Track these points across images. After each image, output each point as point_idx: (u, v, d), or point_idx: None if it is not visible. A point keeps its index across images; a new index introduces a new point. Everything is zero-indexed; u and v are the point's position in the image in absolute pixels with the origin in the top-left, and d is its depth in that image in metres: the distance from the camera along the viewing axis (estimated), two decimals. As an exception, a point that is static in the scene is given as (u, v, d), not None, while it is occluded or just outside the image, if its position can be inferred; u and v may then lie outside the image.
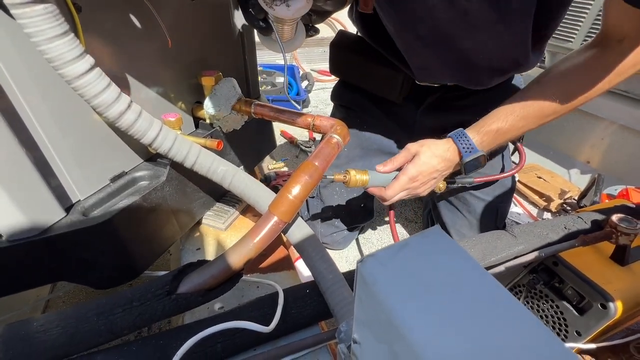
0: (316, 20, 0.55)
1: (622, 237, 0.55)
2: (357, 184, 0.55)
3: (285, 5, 0.35)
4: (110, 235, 0.44)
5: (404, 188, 0.57)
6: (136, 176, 0.51)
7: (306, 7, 0.36)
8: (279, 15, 0.36)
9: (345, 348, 0.30)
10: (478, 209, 0.83)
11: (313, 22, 0.56)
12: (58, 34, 0.32)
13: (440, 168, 0.57)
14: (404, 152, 0.59)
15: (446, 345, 0.18)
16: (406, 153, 0.59)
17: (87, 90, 0.36)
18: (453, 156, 0.58)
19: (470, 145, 0.56)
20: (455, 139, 0.58)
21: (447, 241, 0.24)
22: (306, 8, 0.37)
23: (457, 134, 0.59)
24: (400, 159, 0.59)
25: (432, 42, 0.61)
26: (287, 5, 0.35)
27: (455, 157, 0.58)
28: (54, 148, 0.41)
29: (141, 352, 0.36)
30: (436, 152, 0.57)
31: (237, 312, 0.41)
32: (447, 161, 0.57)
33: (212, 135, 0.61)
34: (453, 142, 0.58)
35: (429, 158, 0.57)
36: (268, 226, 0.41)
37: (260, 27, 0.41)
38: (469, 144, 0.57)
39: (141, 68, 0.49)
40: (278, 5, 0.36)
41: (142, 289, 0.37)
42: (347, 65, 0.83)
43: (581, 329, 0.58)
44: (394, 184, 0.57)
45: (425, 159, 0.57)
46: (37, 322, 0.34)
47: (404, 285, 0.21)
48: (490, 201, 0.82)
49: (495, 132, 0.56)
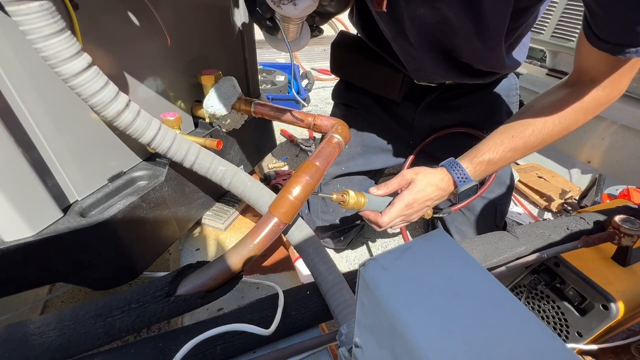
0: (319, 21, 0.56)
1: (624, 239, 0.55)
2: (354, 206, 0.55)
3: (292, 4, 0.35)
4: (109, 236, 0.44)
5: (400, 215, 0.58)
6: (135, 176, 0.51)
7: (312, 5, 0.37)
8: (286, 13, 0.36)
9: (347, 351, 0.29)
10: (478, 207, 0.84)
11: (316, 23, 0.56)
12: (54, 31, 0.31)
13: (434, 197, 0.59)
14: (398, 178, 0.60)
15: (449, 350, 0.18)
16: (400, 179, 0.60)
17: (84, 89, 0.35)
18: (447, 185, 0.59)
19: (464, 175, 0.58)
20: (449, 168, 0.59)
21: (450, 244, 0.24)
22: (312, 7, 0.37)
23: (450, 163, 0.60)
24: (394, 184, 0.59)
25: (423, 47, 0.64)
26: (294, 4, 0.35)
27: (449, 186, 0.59)
28: (51, 148, 0.40)
29: (139, 354, 0.35)
30: (431, 181, 0.58)
31: (236, 314, 0.40)
32: (441, 190, 0.59)
33: (212, 135, 0.60)
34: (447, 172, 0.59)
35: (425, 186, 0.58)
36: (268, 227, 0.40)
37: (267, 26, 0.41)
38: (463, 174, 0.58)
39: (140, 67, 0.49)
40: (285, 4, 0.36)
41: (140, 290, 0.36)
42: (348, 65, 0.84)
43: (582, 330, 0.58)
44: (391, 210, 0.57)
45: (421, 186, 0.58)
46: (34, 324, 0.33)
47: (406, 289, 0.21)
48: (489, 199, 0.83)
49: (487, 162, 0.58)
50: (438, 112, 0.82)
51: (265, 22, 0.42)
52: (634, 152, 1.21)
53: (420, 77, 0.76)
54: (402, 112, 0.85)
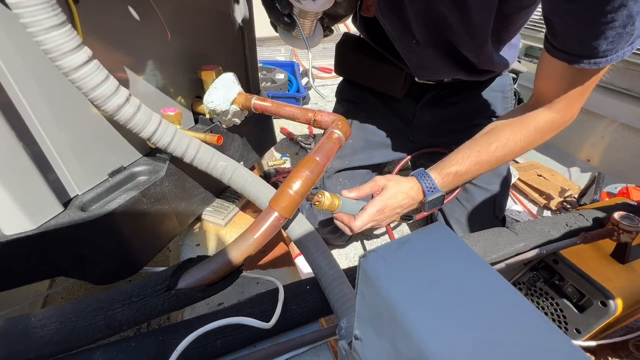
0: (329, 22, 0.58)
1: (623, 235, 0.55)
2: (329, 207, 0.56)
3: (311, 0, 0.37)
4: (109, 231, 0.44)
5: (372, 220, 0.59)
6: (135, 171, 0.51)
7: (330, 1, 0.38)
8: (305, 8, 0.38)
9: (347, 344, 0.30)
10: (477, 198, 0.86)
11: (326, 23, 0.59)
12: (55, 24, 0.31)
13: (404, 204, 0.61)
14: (370, 183, 0.62)
15: (450, 341, 0.18)
16: (373, 184, 0.61)
17: (85, 83, 0.35)
18: (417, 194, 0.61)
19: (433, 185, 0.61)
20: (419, 178, 0.62)
21: (450, 236, 0.24)
22: (330, 2, 0.38)
23: (420, 173, 0.63)
24: (366, 189, 0.61)
25: (428, 44, 0.67)
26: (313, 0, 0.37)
27: (419, 195, 0.61)
28: (52, 142, 0.40)
29: (140, 348, 0.36)
30: (402, 189, 0.60)
31: (237, 308, 0.40)
32: (410, 198, 0.61)
33: (212, 130, 0.60)
34: (417, 182, 0.61)
35: (396, 193, 0.60)
36: (268, 222, 0.40)
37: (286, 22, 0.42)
38: (432, 184, 0.61)
39: (140, 61, 0.49)
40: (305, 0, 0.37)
41: (141, 284, 0.37)
42: (352, 64, 0.88)
43: (581, 327, 0.58)
44: (363, 215, 0.59)
45: (392, 193, 0.60)
46: (35, 317, 0.33)
47: (407, 280, 0.21)
48: (488, 190, 0.85)
49: (455, 174, 0.61)
50: (437, 109, 0.86)
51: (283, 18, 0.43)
52: (634, 150, 1.21)
53: (423, 74, 0.79)
54: (403, 108, 0.88)
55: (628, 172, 1.22)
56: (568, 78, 0.53)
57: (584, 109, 1.34)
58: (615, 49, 0.44)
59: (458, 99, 0.85)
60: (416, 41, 0.67)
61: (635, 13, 0.40)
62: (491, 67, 0.74)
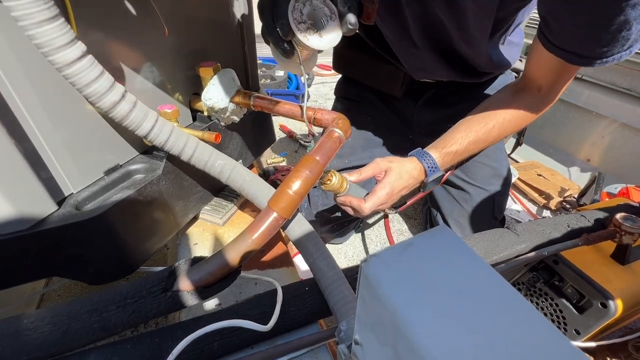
0: None
1: (626, 237, 0.55)
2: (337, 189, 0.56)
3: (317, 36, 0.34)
4: (104, 230, 0.43)
5: (382, 202, 0.59)
6: (131, 169, 0.50)
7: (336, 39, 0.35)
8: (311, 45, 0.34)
9: (346, 348, 0.29)
10: (476, 198, 0.85)
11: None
12: (47, 18, 0.30)
13: (408, 185, 0.61)
14: (372, 165, 0.61)
15: (454, 349, 0.17)
16: (375, 166, 0.61)
17: (79, 79, 0.34)
18: (419, 174, 0.61)
19: (434, 164, 0.61)
20: (420, 158, 0.61)
21: (454, 240, 0.23)
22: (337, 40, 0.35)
23: (419, 153, 0.62)
24: (368, 171, 0.60)
25: (426, 47, 0.68)
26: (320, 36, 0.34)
27: (421, 175, 0.61)
28: (45, 139, 0.39)
29: (136, 350, 0.35)
30: (406, 169, 0.60)
31: (234, 310, 0.40)
32: (413, 179, 0.61)
33: (210, 128, 0.59)
34: (418, 161, 0.61)
35: (401, 174, 0.59)
36: (267, 222, 0.40)
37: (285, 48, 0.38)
38: (433, 163, 0.61)
39: (136, 57, 0.48)
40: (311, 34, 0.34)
41: (137, 285, 0.36)
42: (351, 62, 0.88)
43: (580, 328, 0.58)
44: (373, 198, 0.58)
45: (398, 174, 0.59)
46: (27, 318, 0.33)
47: (410, 286, 0.20)
48: (487, 190, 0.85)
49: (454, 153, 0.61)
50: (436, 108, 0.86)
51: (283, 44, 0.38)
52: (634, 150, 1.21)
53: (421, 76, 0.79)
54: (402, 107, 0.88)
55: (628, 173, 1.22)
56: (559, 70, 0.55)
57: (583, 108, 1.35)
58: (610, 52, 0.45)
59: (458, 99, 0.84)
60: (414, 44, 0.68)
61: (632, 19, 0.40)
62: (490, 69, 0.75)
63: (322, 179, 0.53)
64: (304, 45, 0.35)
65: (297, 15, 0.32)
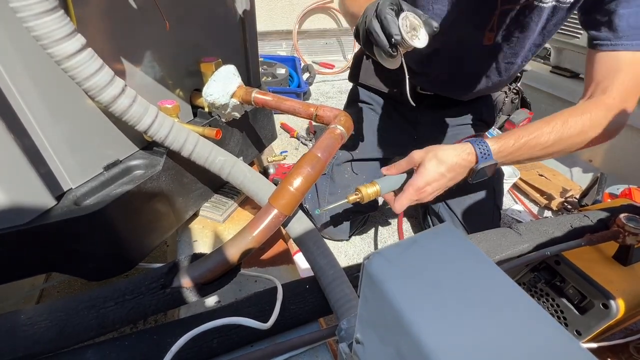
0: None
1: (629, 237, 0.54)
2: (371, 197, 0.58)
3: (417, 39, 0.49)
4: (103, 225, 0.43)
5: (412, 200, 0.58)
6: (131, 165, 0.50)
7: (427, 39, 0.50)
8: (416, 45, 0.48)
9: (347, 347, 0.29)
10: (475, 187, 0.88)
11: None
12: (46, 9, 0.30)
13: (450, 176, 0.58)
14: (407, 159, 0.60)
15: (459, 349, 0.17)
16: (409, 159, 0.60)
17: (78, 72, 0.34)
18: (465, 160, 0.57)
19: (487, 150, 0.57)
20: (472, 143, 0.58)
21: (458, 237, 0.23)
22: (427, 40, 0.50)
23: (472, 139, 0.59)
24: (403, 165, 0.60)
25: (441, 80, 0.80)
26: (419, 38, 0.49)
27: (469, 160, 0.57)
28: (45, 134, 0.39)
29: (134, 347, 0.35)
30: (443, 158, 0.57)
31: (234, 307, 0.39)
32: (458, 166, 0.57)
33: (211, 124, 0.59)
34: (469, 145, 0.57)
35: (435, 166, 0.56)
36: (268, 219, 0.39)
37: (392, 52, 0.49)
38: (486, 149, 0.57)
39: (137, 51, 0.47)
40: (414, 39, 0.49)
41: (135, 281, 0.35)
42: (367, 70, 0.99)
43: (581, 329, 0.57)
44: (402, 198, 0.58)
45: (430, 167, 0.57)
46: (24, 314, 0.32)
47: (413, 284, 0.20)
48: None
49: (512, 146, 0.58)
50: (437, 109, 0.95)
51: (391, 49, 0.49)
52: (636, 151, 1.21)
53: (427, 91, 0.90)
54: (407, 110, 0.97)
55: (630, 173, 1.21)
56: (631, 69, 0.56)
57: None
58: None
59: (454, 101, 0.92)
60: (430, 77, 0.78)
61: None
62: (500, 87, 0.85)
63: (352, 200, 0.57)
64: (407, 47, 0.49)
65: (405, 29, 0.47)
